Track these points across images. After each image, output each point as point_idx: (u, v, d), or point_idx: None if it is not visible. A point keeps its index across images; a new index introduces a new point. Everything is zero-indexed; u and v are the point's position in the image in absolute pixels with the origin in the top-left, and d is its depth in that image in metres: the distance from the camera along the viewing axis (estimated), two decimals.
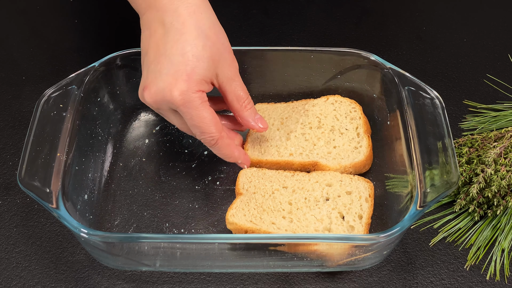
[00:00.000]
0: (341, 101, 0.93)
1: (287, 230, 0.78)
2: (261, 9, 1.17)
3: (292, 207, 0.80)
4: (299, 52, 0.91)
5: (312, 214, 0.79)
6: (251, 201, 0.81)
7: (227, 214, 0.80)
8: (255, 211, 0.80)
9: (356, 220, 0.78)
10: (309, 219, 0.79)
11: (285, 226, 0.78)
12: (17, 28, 1.14)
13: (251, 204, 0.81)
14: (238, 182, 0.85)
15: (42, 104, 0.81)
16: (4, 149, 0.93)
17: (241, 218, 0.79)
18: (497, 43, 1.10)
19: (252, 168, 0.87)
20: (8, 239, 0.83)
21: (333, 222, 0.78)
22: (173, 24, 0.74)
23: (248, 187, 0.84)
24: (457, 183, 0.72)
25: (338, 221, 0.78)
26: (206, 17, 0.76)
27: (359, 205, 0.80)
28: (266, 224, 0.78)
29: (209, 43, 0.75)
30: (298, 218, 0.79)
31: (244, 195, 0.83)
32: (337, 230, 0.77)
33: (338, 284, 0.78)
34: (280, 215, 0.80)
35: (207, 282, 0.79)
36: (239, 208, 0.81)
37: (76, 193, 0.79)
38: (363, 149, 0.87)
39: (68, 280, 0.79)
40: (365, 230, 0.78)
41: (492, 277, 0.79)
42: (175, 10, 0.75)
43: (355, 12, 1.16)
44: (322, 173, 0.84)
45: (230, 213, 0.80)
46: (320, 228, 0.78)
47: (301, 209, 0.80)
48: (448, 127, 0.78)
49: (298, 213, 0.79)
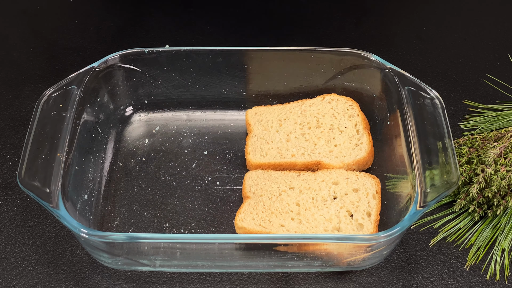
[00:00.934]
0: (337, 99, 0.93)
1: (297, 232, 0.77)
2: (261, 9, 1.17)
3: (300, 208, 0.80)
4: (299, 52, 0.91)
5: (320, 214, 0.79)
6: (259, 204, 0.81)
7: (235, 219, 0.80)
8: (264, 214, 0.80)
9: (364, 218, 0.78)
10: (318, 219, 0.79)
11: (295, 228, 0.78)
12: (17, 28, 1.14)
13: (259, 207, 0.81)
14: (244, 185, 0.85)
15: (42, 104, 0.81)
16: (4, 149, 0.93)
17: (250, 222, 0.79)
18: (497, 43, 1.10)
19: (258, 170, 0.86)
20: (8, 239, 0.83)
21: (342, 221, 0.78)
22: None
23: (255, 190, 0.84)
24: (457, 183, 0.72)
25: (347, 220, 0.78)
26: None
27: (367, 202, 0.80)
28: (275, 227, 0.78)
29: None
30: (307, 219, 0.79)
31: (252, 198, 0.83)
32: (346, 229, 0.77)
33: (338, 284, 0.78)
34: (288, 217, 0.79)
35: (207, 282, 0.79)
36: (247, 212, 0.80)
37: (76, 193, 0.79)
38: (364, 145, 0.87)
39: (68, 280, 0.79)
40: (374, 227, 0.78)
41: (492, 277, 0.79)
42: None
43: (355, 12, 1.16)
44: (328, 172, 0.84)
45: (239, 217, 0.80)
46: (329, 228, 0.78)
47: (309, 209, 0.80)
48: (448, 127, 0.78)
49: (307, 214, 0.79)
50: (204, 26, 1.13)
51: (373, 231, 0.77)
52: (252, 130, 0.92)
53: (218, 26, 1.13)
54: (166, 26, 1.15)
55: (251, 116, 0.94)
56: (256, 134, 0.91)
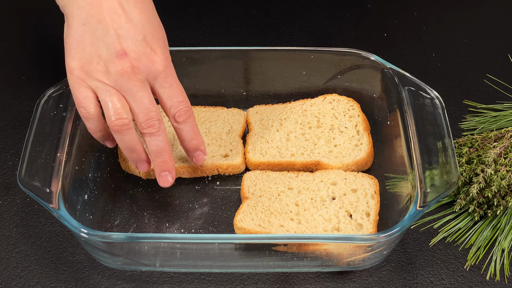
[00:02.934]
0: (338, 100, 0.93)
1: (296, 232, 0.77)
2: (261, 9, 1.17)
3: (299, 208, 0.80)
4: (299, 52, 0.91)
5: (320, 215, 0.79)
6: (258, 205, 0.81)
7: (235, 219, 0.80)
8: (263, 214, 0.80)
9: (364, 218, 0.78)
10: (317, 219, 0.79)
11: (294, 228, 0.78)
12: (17, 28, 1.14)
13: (258, 208, 0.81)
14: (243, 186, 0.85)
15: (42, 104, 0.81)
16: (4, 149, 0.93)
17: (249, 222, 0.79)
18: (497, 43, 1.10)
19: (256, 171, 0.86)
20: (8, 239, 0.83)
21: (341, 221, 0.78)
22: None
23: (254, 191, 0.84)
24: (457, 183, 0.72)
25: (346, 220, 0.78)
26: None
27: (366, 202, 0.80)
28: (275, 227, 0.78)
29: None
30: (306, 220, 0.79)
31: (250, 199, 0.83)
32: (346, 229, 0.77)
33: (338, 284, 0.78)
34: (288, 217, 0.79)
35: (207, 282, 0.79)
36: (246, 213, 0.80)
37: (76, 193, 0.79)
38: (364, 146, 0.87)
39: (68, 280, 0.79)
40: (373, 227, 0.78)
41: (492, 277, 0.79)
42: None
43: (355, 12, 1.16)
44: (326, 172, 0.84)
45: (238, 218, 0.80)
46: (329, 228, 0.78)
47: (308, 210, 0.80)
48: (448, 127, 0.78)
49: (306, 214, 0.79)
50: (204, 26, 1.13)
51: (372, 231, 0.77)
52: (253, 128, 0.92)
53: (218, 26, 1.13)
54: (165, 26, 1.15)
55: (252, 115, 0.94)
56: (256, 133, 0.91)
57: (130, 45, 0.72)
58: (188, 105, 0.77)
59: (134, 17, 0.73)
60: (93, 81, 0.72)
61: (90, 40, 0.72)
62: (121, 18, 0.72)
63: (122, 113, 0.72)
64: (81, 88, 0.73)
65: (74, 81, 0.73)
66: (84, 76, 0.72)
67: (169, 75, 0.75)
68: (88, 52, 0.72)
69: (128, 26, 0.72)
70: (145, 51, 0.73)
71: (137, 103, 0.73)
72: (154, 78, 0.73)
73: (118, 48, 0.72)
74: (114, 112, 0.72)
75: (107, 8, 0.72)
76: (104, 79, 0.72)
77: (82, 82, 0.73)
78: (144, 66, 0.72)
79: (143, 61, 0.72)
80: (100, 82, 0.72)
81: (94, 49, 0.72)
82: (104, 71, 0.72)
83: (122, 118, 0.72)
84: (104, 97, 0.72)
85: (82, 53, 0.72)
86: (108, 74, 0.72)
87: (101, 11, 0.72)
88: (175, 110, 0.76)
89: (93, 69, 0.72)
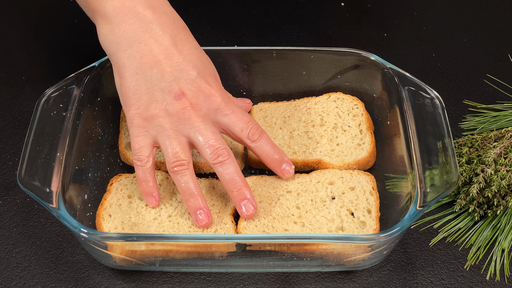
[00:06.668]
0: (343, 98, 0.93)
1: None
2: (261, 9, 1.17)
3: (300, 211, 0.80)
4: (299, 52, 0.91)
5: (322, 216, 0.79)
6: (260, 211, 0.80)
7: (238, 227, 0.79)
8: (266, 220, 0.80)
9: (366, 215, 0.78)
10: (320, 220, 0.79)
11: (298, 231, 0.78)
12: (17, 28, 1.14)
13: (260, 214, 0.80)
14: None
15: (42, 104, 0.81)
16: (4, 149, 0.93)
17: (254, 229, 0.79)
18: (497, 43, 1.10)
19: (252, 177, 0.86)
20: (8, 239, 0.83)
21: (344, 221, 0.78)
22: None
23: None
24: (457, 183, 0.72)
25: (349, 219, 0.78)
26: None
27: (365, 199, 0.80)
28: (279, 232, 0.78)
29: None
30: (309, 222, 0.79)
31: None
32: (350, 227, 0.77)
33: (338, 284, 0.78)
34: (291, 220, 0.79)
35: (207, 282, 0.79)
36: (249, 220, 0.80)
37: (76, 193, 0.79)
38: (366, 145, 0.87)
39: (68, 280, 0.79)
40: (376, 223, 0.78)
41: (492, 277, 0.79)
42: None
43: (355, 12, 1.16)
44: (322, 172, 0.84)
45: (242, 225, 0.79)
46: (333, 228, 0.77)
47: (310, 211, 0.80)
48: (448, 127, 0.78)
49: (308, 216, 0.79)
50: (204, 26, 1.13)
51: (376, 228, 0.77)
52: None
53: (218, 26, 1.13)
54: None
55: (256, 112, 0.94)
56: None
57: (185, 85, 0.74)
58: (256, 123, 0.78)
59: (185, 56, 0.75)
60: (154, 127, 0.74)
61: (145, 88, 0.74)
62: (174, 58, 0.75)
63: (181, 156, 0.74)
64: (139, 138, 0.75)
65: (134, 130, 0.75)
66: (144, 123, 0.75)
67: (228, 103, 0.76)
68: (145, 99, 0.74)
69: (182, 66, 0.75)
70: (201, 87, 0.75)
71: (203, 136, 0.74)
72: (215, 111, 0.75)
73: (175, 89, 0.74)
74: (173, 156, 0.74)
75: (159, 52, 0.74)
76: (164, 123, 0.74)
77: (142, 130, 0.75)
78: (203, 102, 0.74)
79: (201, 98, 0.74)
80: (160, 127, 0.74)
81: (150, 95, 0.74)
82: (164, 114, 0.74)
83: (180, 159, 0.74)
84: (163, 141, 0.74)
85: (139, 101, 0.74)
86: (169, 116, 0.74)
87: (153, 57, 0.74)
88: (247, 130, 0.77)
89: (152, 114, 0.74)
